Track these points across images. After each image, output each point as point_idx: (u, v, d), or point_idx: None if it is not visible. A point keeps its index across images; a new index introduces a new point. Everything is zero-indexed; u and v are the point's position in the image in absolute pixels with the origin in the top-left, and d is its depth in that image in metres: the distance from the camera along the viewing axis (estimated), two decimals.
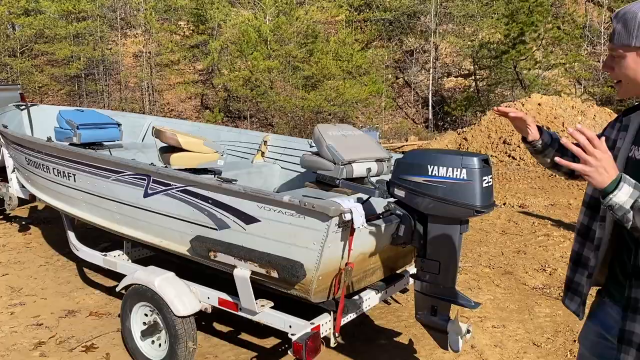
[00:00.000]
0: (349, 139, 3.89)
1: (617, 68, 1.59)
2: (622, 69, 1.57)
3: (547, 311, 4.46)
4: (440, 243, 2.96)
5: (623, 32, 1.54)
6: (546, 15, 18.65)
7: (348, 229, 2.68)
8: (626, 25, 1.53)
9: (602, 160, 1.40)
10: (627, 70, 1.57)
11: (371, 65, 21.82)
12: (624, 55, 1.56)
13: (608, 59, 1.62)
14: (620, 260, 1.69)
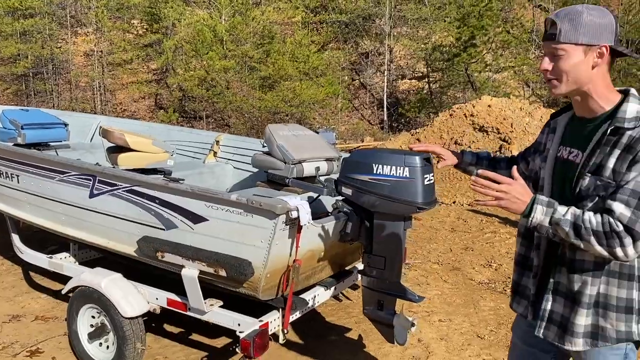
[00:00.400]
0: (299, 139, 3.95)
1: (560, 65, 1.64)
2: (565, 65, 1.63)
3: (492, 305, 4.63)
4: (385, 239, 3.05)
5: (570, 30, 1.60)
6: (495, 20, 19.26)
7: (295, 226, 2.73)
8: (572, 23, 1.60)
9: (510, 191, 1.57)
10: (570, 66, 1.63)
11: (327, 66, 21.97)
12: (569, 52, 1.62)
13: (547, 58, 1.67)
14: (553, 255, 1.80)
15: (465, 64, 19.32)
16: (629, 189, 1.53)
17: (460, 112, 16.17)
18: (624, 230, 1.51)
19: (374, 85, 24.53)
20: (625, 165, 1.55)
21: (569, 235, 1.57)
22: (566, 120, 1.84)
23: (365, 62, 25.05)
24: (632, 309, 1.66)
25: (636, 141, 1.55)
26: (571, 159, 1.73)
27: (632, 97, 1.65)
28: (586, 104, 1.70)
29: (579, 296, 1.68)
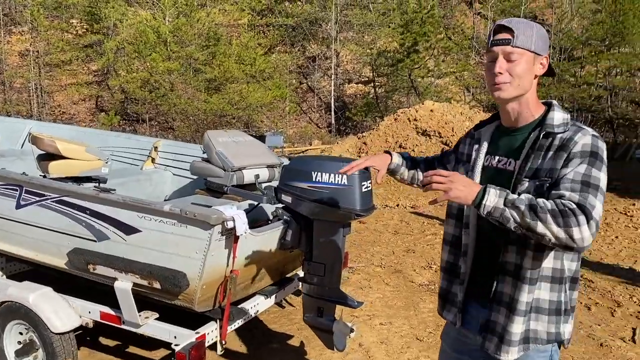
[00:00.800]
0: (239, 146, 3.91)
1: (514, 68, 1.67)
2: (518, 69, 1.66)
3: (431, 307, 4.74)
4: (325, 246, 3.05)
5: (525, 36, 1.66)
6: (437, 27, 19.78)
7: (232, 236, 2.70)
8: (526, 31, 1.66)
9: (456, 181, 1.55)
10: (522, 70, 1.67)
11: (275, 69, 21.93)
12: (523, 57, 1.66)
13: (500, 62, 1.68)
14: (481, 263, 1.84)
15: (409, 69, 19.73)
16: (569, 178, 1.57)
17: (404, 117, 16.53)
18: (577, 207, 1.50)
19: (322, 89, 24.68)
20: (561, 162, 1.60)
21: (525, 215, 1.51)
22: (491, 130, 1.88)
23: (312, 66, 25.16)
24: (560, 310, 1.72)
25: (568, 140, 1.63)
26: (501, 166, 1.78)
27: (556, 107, 1.75)
28: (519, 112, 1.75)
29: (516, 304, 1.70)
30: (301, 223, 3.09)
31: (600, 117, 22.56)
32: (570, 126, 1.67)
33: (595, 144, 1.60)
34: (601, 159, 1.60)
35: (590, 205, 1.50)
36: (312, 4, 23.92)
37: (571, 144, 1.61)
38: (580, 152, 1.59)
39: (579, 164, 1.58)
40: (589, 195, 1.52)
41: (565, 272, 1.72)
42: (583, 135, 1.62)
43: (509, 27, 1.68)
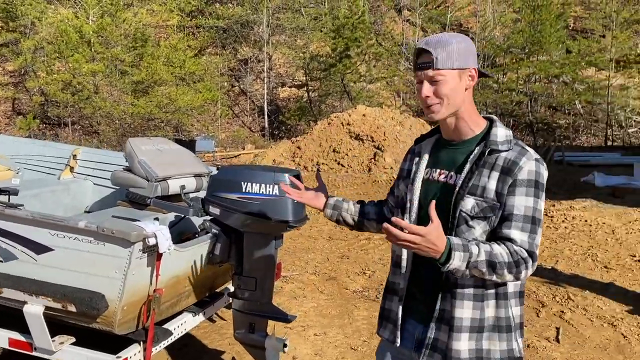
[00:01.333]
0: (164, 154, 3.72)
1: (440, 89, 1.68)
2: (445, 89, 1.68)
3: (365, 314, 4.72)
4: (256, 259, 2.95)
5: (444, 56, 1.66)
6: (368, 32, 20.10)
7: (154, 253, 2.53)
8: (445, 51, 1.67)
9: (422, 242, 1.50)
10: (449, 90, 1.68)
11: (205, 72, 21.46)
12: (447, 77, 1.67)
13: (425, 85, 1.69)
14: (418, 279, 1.79)
15: (341, 74, 19.91)
16: (520, 215, 1.62)
17: (337, 121, 16.64)
18: (528, 255, 1.60)
19: (254, 92, 24.43)
20: (507, 187, 1.63)
21: (484, 274, 1.59)
22: (432, 143, 1.87)
23: (244, 69, 24.86)
24: (510, 327, 1.71)
25: (512, 163, 1.64)
26: (442, 179, 1.76)
27: (498, 123, 1.76)
28: (458, 126, 1.75)
29: (461, 322, 1.69)
30: (231, 236, 2.97)
31: (521, 121, 23.76)
32: (514, 145, 1.69)
33: (539, 171, 1.65)
34: (542, 187, 1.66)
35: (536, 246, 1.63)
36: (244, 7, 23.64)
37: (516, 169, 1.63)
38: (526, 181, 1.63)
39: (525, 194, 1.63)
40: (536, 236, 1.63)
41: (509, 288, 1.71)
42: (527, 160, 1.64)
43: (428, 50, 1.68)
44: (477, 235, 1.67)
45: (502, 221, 1.64)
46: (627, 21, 21.98)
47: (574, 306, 4.93)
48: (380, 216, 2.07)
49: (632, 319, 4.65)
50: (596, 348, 4.11)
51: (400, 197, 1.89)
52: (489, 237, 1.67)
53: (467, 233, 1.67)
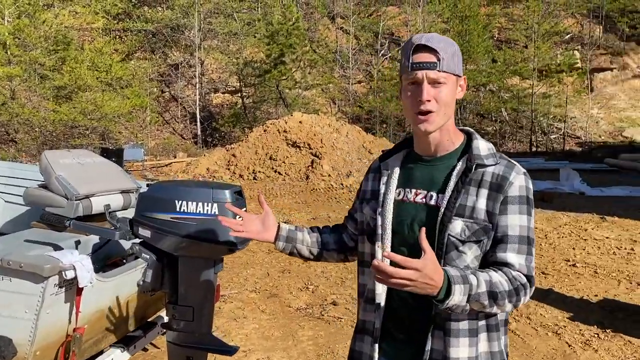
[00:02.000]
0: (86, 168, 3.32)
1: (441, 95, 1.46)
2: (446, 95, 1.46)
3: (310, 334, 4.48)
4: (193, 287, 2.64)
5: (450, 59, 1.46)
6: (303, 39, 19.99)
7: (73, 287, 2.17)
8: (450, 51, 1.46)
9: (419, 278, 1.27)
10: (450, 97, 1.47)
11: (133, 77, 20.55)
12: (449, 82, 1.47)
13: (429, 87, 1.45)
14: (398, 316, 1.56)
15: (277, 80, 19.67)
16: (515, 236, 1.45)
17: (273, 128, 16.36)
18: (527, 280, 1.44)
19: (186, 98, 23.69)
20: (498, 206, 1.46)
21: (485, 307, 1.39)
22: (401, 159, 1.64)
23: (175, 74, 24.07)
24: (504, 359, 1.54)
25: (502, 178, 1.47)
26: (420, 200, 1.53)
27: (477, 135, 1.57)
28: (441, 140, 1.54)
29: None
30: (163, 261, 2.63)
31: None
32: (500, 158, 1.51)
33: (528, 186, 1.50)
34: (532, 203, 1.51)
35: (533, 269, 1.47)
36: (174, 10, 22.90)
37: (507, 185, 1.46)
38: (517, 197, 1.47)
39: (519, 212, 1.46)
40: (532, 258, 1.47)
41: (500, 316, 1.51)
42: (517, 175, 1.48)
43: (433, 48, 1.44)
44: (468, 261, 1.46)
45: (495, 244, 1.46)
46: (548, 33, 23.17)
47: (518, 315, 4.92)
48: (340, 245, 1.82)
49: (574, 326, 4.69)
50: (543, 359, 4.07)
51: (366, 223, 1.64)
52: (482, 262, 1.47)
53: (457, 260, 1.45)
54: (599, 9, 30.13)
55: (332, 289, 5.60)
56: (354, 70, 25.79)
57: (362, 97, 24.40)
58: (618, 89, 29.76)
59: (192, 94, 23.52)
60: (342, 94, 24.18)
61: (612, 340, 4.39)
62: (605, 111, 27.94)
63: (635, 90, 29.80)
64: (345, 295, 5.40)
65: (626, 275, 6.15)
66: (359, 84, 26.35)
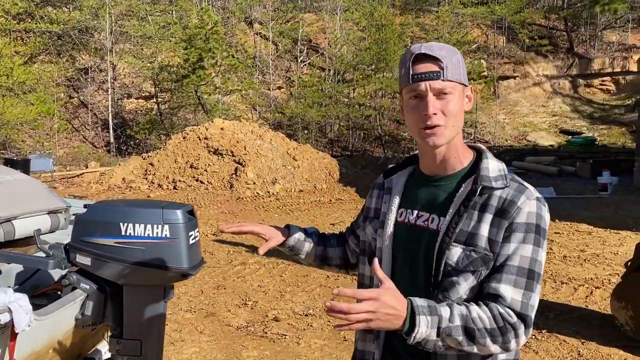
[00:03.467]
0: (5, 187, 2.92)
1: (449, 107, 1.34)
2: (454, 107, 1.34)
3: (255, 354, 4.26)
4: (140, 318, 2.38)
5: (454, 66, 1.34)
6: (222, 43, 19.56)
7: (8, 331, 1.86)
8: (454, 59, 1.35)
9: (379, 309, 1.17)
10: (458, 108, 1.35)
11: (38, 82, 19.10)
12: (456, 91, 1.35)
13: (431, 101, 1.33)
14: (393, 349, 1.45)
15: (195, 85, 19.08)
16: (515, 266, 1.29)
17: (194, 135, 15.82)
18: (518, 319, 1.26)
19: (97, 104, 22.39)
20: (502, 233, 1.31)
21: (461, 344, 1.24)
22: (405, 178, 1.52)
23: (84, 79, 22.69)
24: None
25: (509, 204, 1.32)
26: (421, 224, 1.41)
27: (488, 153, 1.43)
28: (448, 157, 1.41)
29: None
30: (106, 291, 2.36)
31: (372, 134, 24.96)
32: (510, 181, 1.36)
33: (540, 213, 1.33)
34: (545, 233, 1.34)
35: (531, 308, 1.29)
36: (82, 11, 21.58)
37: (514, 211, 1.31)
38: (525, 225, 1.31)
39: (524, 241, 1.30)
40: (532, 294, 1.29)
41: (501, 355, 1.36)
42: (528, 200, 1.32)
43: (435, 57, 1.32)
44: (462, 293, 1.33)
45: (491, 273, 1.31)
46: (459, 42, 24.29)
47: None
48: (344, 261, 1.73)
49: None
50: None
51: (368, 243, 1.54)
52: (477, 294, 1.34)
53: (450, 291, 1.33)
54: (502, 21, 32.11)
55: (272, 304, 5.41)
56: (273, 76, 25.65)
57: (283, 103, 24.32)
58: (520, 96, 31.85)
59: (103, 100, 22.28)
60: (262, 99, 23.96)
61: (548, 340, 4.55)
62: (510, 117, 29.78)
63: (535, 97, 32.04)
64: (287, 310, 5.23)
65: (550, 275, 6.46)
66: (279, 90, 26.25)
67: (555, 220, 9.75)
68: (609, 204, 11.58)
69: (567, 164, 19.18)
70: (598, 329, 4.78)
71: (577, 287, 5.96)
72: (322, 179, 15.32)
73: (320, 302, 5.38)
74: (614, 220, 9.69)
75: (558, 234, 8.70)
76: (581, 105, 31.24)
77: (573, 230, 8.98)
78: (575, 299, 5.62)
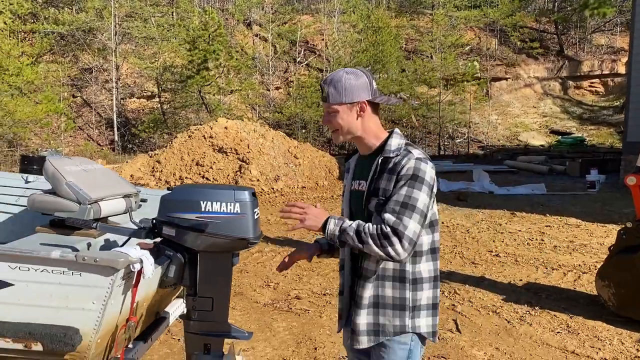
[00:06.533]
0: (90, 175, 3.48)
1: (334, 120, 2.05)
2: (338, 121, 2.05)
3: (284, 325, 4.84)
4: (213, 279, 2.93)
5: (335, 93, 2.02)
6: (225, 45, 20.07)
7: (132, 279, 2.42)
8: (336, 88, 2.02)
9: (310, 212, 1.99)
10: (341, 121, 2.05)
11: (43, 81, 19.53)
12: (337, 110, 2.04)
13: (325, 115, 2.08)
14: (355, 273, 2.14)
15: (199, 85, 19.58)
16: (393, 200, 1.94)
17: (199, 134, 16.34)
18: (391, 231, 1.89)
19: (100, 103, 22.82)
20: (392, 184, 1.96)
21: (354, 240, 1.92)
22: (356, 159, 2.24)
23: (88, 78, 23.12)
24: (405, 306, 2.02)
25: (397, 164, 1.97)
26: (360, 188, 2.12)
27: (395, 134, 2.10)
28: (364, 144, 2.12)
29: (360, 299, 2.04)
30: (185, 257, 2.92)
31: None
32: (402, 150, 2.02)
33: (418, 167, 1.95)
34: (421, 180, 1.94)
35: (404, 226, 1.89)
36: (87, 13, 22.02)
37: (399, 167, 1.98)
38: (404, 175, 1.95)
39: (402, 185, 1.94)
40: (403, 217, 1.91)
41: (409, 274, 2.03)
42: (409, 160, 1.96)
43: (323, 87, 2.04)
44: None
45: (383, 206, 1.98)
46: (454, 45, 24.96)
47: (461, 299, 5.58)
48: None
49: (508, 306, 5.41)
50: (490, 334, 4.72)
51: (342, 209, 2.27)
52: None
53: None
54: (494, 24, 32.84)
55: (292, 285, 5.98)
56: (272, 77, 26.19)
57: (281, 104, 24.86)
58: (512, 97, 32.60)
59: (106, 99, 22.71)
60: (261, 99, 24.48)
61: (541, 315, 5.15)
62: (503, 117, 30.50)
63: (526, 98, 32.79)
64: (306, 290, 5.80)
65: (541, 262, 7.08)
66: (277, 91, 26.79)
67: (546, 215, 10.40)
68: (596, 200, 12.23)
69: (557, 163, 19.81)
70: (585, 307, 5.38)
71: (566, 273, 6.57)
72: (323, 176, 15.90)
73: (335, 284, 5.95)
74: (601, 215, 10.32)
75: (549, 226, 9.33)
76: (571, 107, 32.01)
77: (563, 223, 9.61)
78: (564, 282, 6.23)
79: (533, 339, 4.59)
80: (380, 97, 2.08)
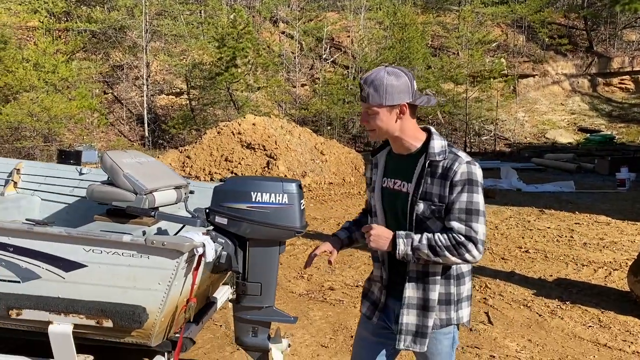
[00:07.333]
0: (144, 167, 3.70)
1: (372, 121, 2.04)
2: (376, 122, 2.03)
3: (320, 314, 5.01)
4: (262, 265, 3.10)
5: (375, 94, 2.00)
6: (254, 43, 20.33)
7: (193, 263, 2.61)
8: (377, 89, 1.99)
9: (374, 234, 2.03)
10: (380, 122, 2.03)
11: (77, 78, 20.06)
12: (377, 112, 2.02)
13: (364, 115, 2.08)
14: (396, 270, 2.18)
15: (228, 82, 19.88)
16: (457, 208, 1.97)
17: (227, 130, 16.63)
18: (465, 239, 1.95)
19: (131, 99, 23.33)
20: (447, 190, 1.98)
21: (429, 255, 1.96)
22: (385, 156, 2.23)
23: (119, 75, 23.65)
24: (450, 301, 2.12)
25: (447, 169, 1.99)
26: (397, 188, 2.12)
27: (434, 135, 2.09)
28: (401, 144, 2.11)
29: (407, 300, 2.09)
30: (236, 244, 3.10)
31: None
32: (448, 153, 2.04)
33: (470, 171, 1.98)
34: (476, 183, 1.99)
35: (475, 232, 1.96)
36: (119, 11, 22.53)
37: (451, 173, 2.00)
38: (460, 181, 1.97)
39: (461, 191, 1.98)
40: (472, 223, 1.96)
41: (452, 270, 2.10)
42: (460, 164, 1.98)
43: (363, 87, 2.05)
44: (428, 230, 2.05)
45: (446, 214, 2.01)
46: (481, 41, 24.80)
47: (492, 293, 5.68)
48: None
49: (539, 300, 5.49)
50: (522, 326, 4.82)
51: (369, 204, 2.30)
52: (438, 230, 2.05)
53: (421, 229, 2.06)
54: (522, 20, 32.45)
55: (325, 277, 6.15)
56: (298, 74, 26.40)
57: (307, 100, 25.05)
58: (540, 94, 32.20)
59: (136, 96, 23.21)
60: (287, 96, 24.71)
61: (572, 310, 5.21)
62: (530, 115, 30.18)
63: (554, 95, 32.36)
64: (339, 282, 5.97)
65: (571, 258, 7.11)
66: (303, 87, 26.99)
67: (575, 212, 10.36)
68: (626, 199, 12.11)
69: (585, 161, 19.59)
70: (616, 302, 5.42)
71: (597, 269, 6.59)
72: (349, 173, 16.03)
73: (366, 277, 6.10)
74: (631, 213, 10.24)
75: (578, 224, 9.31)
76: (600, 104, 31.49)
77: (592, 221, 9.57)
78: (595, 278, 6.26)
79: (565, 332, 4.67)
80: (420, 98, 2.05)
